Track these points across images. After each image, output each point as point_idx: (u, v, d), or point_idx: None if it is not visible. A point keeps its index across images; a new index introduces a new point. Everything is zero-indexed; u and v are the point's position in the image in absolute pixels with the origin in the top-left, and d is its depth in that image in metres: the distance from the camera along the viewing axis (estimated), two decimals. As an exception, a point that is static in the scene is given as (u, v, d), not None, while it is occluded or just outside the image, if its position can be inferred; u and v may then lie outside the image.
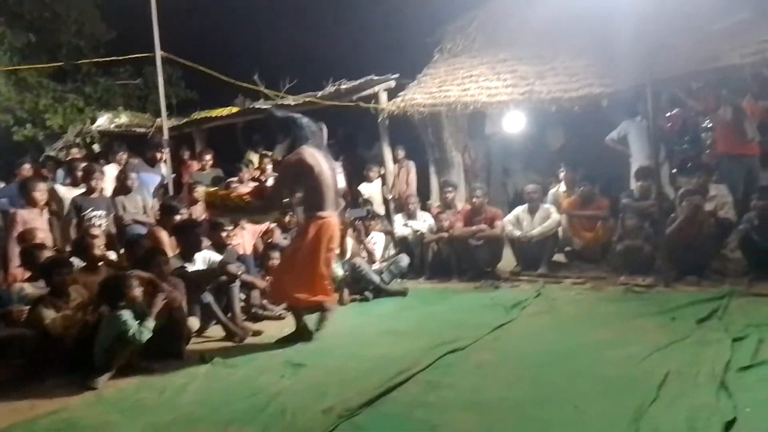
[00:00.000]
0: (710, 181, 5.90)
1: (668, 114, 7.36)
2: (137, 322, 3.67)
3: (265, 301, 5.44)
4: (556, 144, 8.21)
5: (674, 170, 7.22)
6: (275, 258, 5.67)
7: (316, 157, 4.18)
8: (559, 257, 6.59)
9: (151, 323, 3.71)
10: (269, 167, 7.90)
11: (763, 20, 5.93)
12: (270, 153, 8.28)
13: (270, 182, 5.88)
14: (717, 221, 5.54)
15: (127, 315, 3.67)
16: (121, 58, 6.69)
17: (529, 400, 2.90)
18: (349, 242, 6.19)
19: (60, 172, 6.95)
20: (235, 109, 8.52)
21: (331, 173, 4.28)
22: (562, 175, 7.20)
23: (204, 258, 5.04)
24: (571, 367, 3.35)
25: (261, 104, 8.16)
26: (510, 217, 6.55)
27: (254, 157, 8.64)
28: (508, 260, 6.51)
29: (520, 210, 6.56)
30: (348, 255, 6.02)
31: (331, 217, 4.21)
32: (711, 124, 6.83)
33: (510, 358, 3.65)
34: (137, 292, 3.82)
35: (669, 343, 3.58)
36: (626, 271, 5.65)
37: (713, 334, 3.69)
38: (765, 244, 5.06)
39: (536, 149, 8.34)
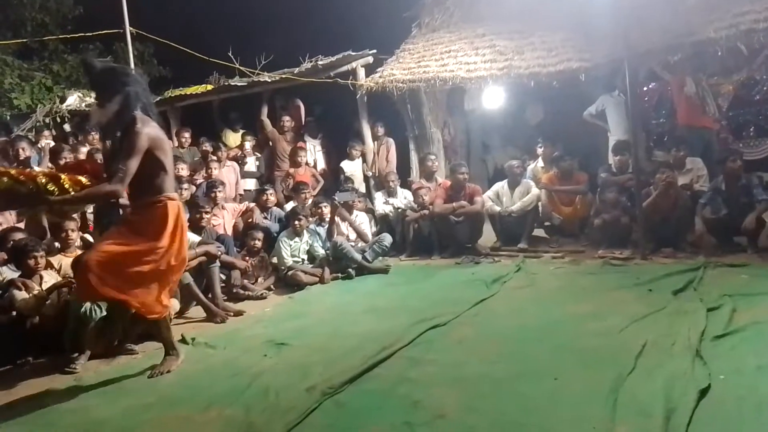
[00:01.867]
0: (686, 155, 5.98)
1: (645, 88, 7.41)
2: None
3: (246, 281, 5.41)
4: (535, 119, 8.24)
5: (651, 144, 7.31)
6: (257, 238, 5.63)
7: (153, 123, 3.18)
8: (539, 232, 6.65)
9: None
10: (248, 145, 7.79)
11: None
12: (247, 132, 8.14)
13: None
14: (692, 194, 5.63)
15: None
16: (88, 34, 6.46)
17: (510, 374, 2.94)
18: (342, 224, 6.19)
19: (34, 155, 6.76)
20: (209, 87, 8.34)
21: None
22: (540, 150, 7.23)
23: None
24: (552, 341, 3.39)
25: (236, 81, 8.00)
26: (490, 193, 6.58)
27: (231, 136, 8.51)
28: (488, 236, 6.55)
29: (500, 186, 6.59)
30: (335, 234, 6.01)
31: (179, 200, 3.34)
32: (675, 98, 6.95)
33: (491, 333, 3.69)
34: None
35: (646, 314, 3.64)
36: (604, 244, 5.72)
37: (689, 305, 3.76)
38: (719, 215, 5.20)
39: (515, 125, 8.35)
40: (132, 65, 6.26)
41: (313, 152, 8.04)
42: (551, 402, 2.60)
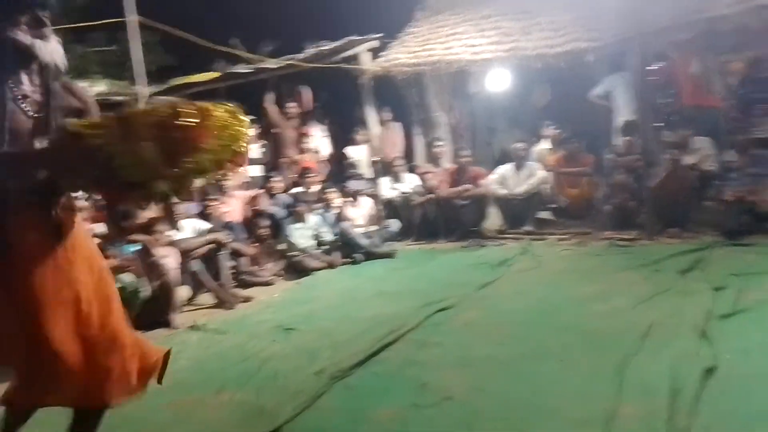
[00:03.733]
0: (693, 135, 5.93)
1: (653, 67, 7.32)
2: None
3: (254, 268, 5.46)
4: (541, 101, 8.15)
5: (660, 124, 7.23)
6: (264, 225, 5.66)
7: None
8: (544, 214, 6.65)
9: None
10: (254, 132, 7.79)
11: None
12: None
13: None
14: (700, 174, 5.59)
15: None
16: (92, 23, 6.46)
17: (516, 356, 2.97)
18: (352, 210, 6.22)
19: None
20: (215, 74, 8.33)
21: None
22: (547, 132, 7.19)
23: (193, 226, 5.02)
24: (558, 322, 3.41)
25: (241, 68, 7.99)
26: (495, 175, 6.57)
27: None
28: (493, 219, 6.55)
29: (506, 168, 6.57)
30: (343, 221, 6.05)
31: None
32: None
33: (497, 315, 3.71)
34: None
35: (652, 295, 3.66)
36: (611, 226, 5.72)
37: (695, 285, 3.77)
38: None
39: (521, 107, 8.28)
40: (138, 54, 6.28)
41: (320, 138, 8.04)
42: (557, 383, 2.63)
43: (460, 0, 8.20)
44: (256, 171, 7.74)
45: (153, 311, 4.05)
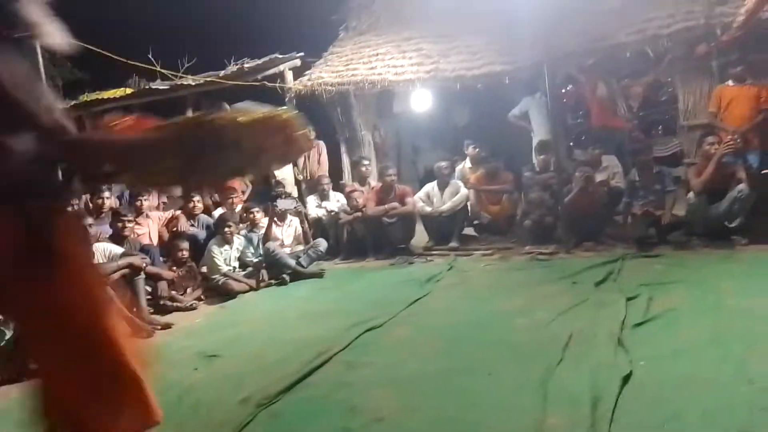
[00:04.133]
0: (602, 153, 6.31)
1: (564, 90, 7.77)
2: None
3: (173, 292, 5.20)
4: (462, 121, 8.43)
5: (570, 143, 7.66)
6: (183, 248, 5.41)
7: None
8: (468, 231, 6.81)
9: None
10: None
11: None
12: None
13: None
14: (609, 190, 5.95)
15: None
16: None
17: (446, 372, 2.98)
18: (276, 230, 6.07)
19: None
20: (129, 91, 7.97)
21: None
22: (468, 151, 7.41)
23: (103, 250, 4.72)
24: (484, 336, 3.47)
25: (159, 85, 7.69)
26: (421, 194, 6.67)
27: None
28: (420, 236, 6.64)
29: (430, 187, 6.69)
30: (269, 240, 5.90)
31: None
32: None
33: (426, 331, 3.73)
34: None
35: (571, 307, 3.81)
36: (531, 240, 5.94)
37: (609, 295, 3.97)
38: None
39: (443, 127, 8.52)
40: (41, 67, 5.87)
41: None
42: (486, 396, 2.66)
43: (383, 21, 8.37)
44: (176, 191, 7.43)
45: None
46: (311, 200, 6.95)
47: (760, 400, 2.28)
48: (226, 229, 5.66)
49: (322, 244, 6.21)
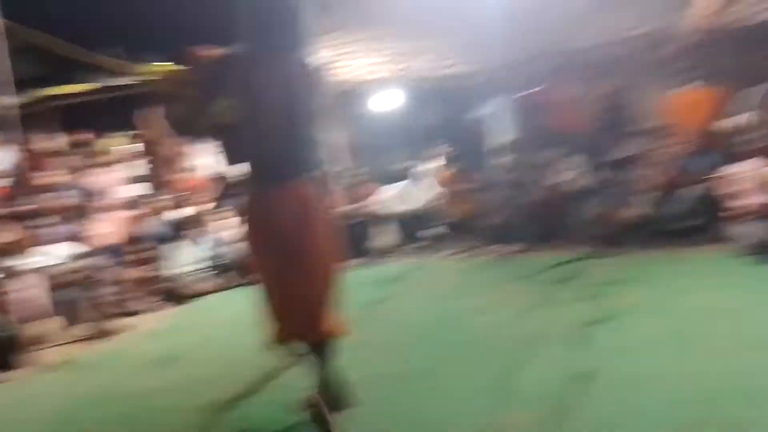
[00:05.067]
0: (563, 155, 6.40)
1: (529, 92, 7.83)
2: None
3: (135, 294, 5.08)
4: (429, 122, 8.46)
5: (535, 144, 7.74)
6: (144, 249, 5.29)
7: None
8: (437, 229, 6.84)
9: None
10: (133, 149, 7.32)
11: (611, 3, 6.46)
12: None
13: None
14: (571, 191, 6.05)
15: None
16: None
17: (410, 372, 2.98)
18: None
19: None
20: (94, 86, 7.77)
21: None
22: (437, 151, 7.44)
23: (62, 251, 4.59)
24: (450, 335, 3.49)
25: (124, 81, 7.52)
26: (390, 193, 6.67)
27: (116, 139, 7.95)
28: (389, 235, 6.63)
29: (400, 185, 6.70)
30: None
31: None
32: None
33: (392, 331, 3.73)
34: None
35: (535, 305, 3.85)
36: (497, 240, 6.00)
37: (571, 294, 4.03)
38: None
39: (413, 126, 8.52)
40: (7, 63, 5.70)
41: (209, 155, 7.72)
42: (449, 397, 2.66)
43: (353, 20, 8.31)
44: (138, 190, 7.27)
45: None
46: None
47: (716, 395, 2.34)
48: (187, 229, 5.56)
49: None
